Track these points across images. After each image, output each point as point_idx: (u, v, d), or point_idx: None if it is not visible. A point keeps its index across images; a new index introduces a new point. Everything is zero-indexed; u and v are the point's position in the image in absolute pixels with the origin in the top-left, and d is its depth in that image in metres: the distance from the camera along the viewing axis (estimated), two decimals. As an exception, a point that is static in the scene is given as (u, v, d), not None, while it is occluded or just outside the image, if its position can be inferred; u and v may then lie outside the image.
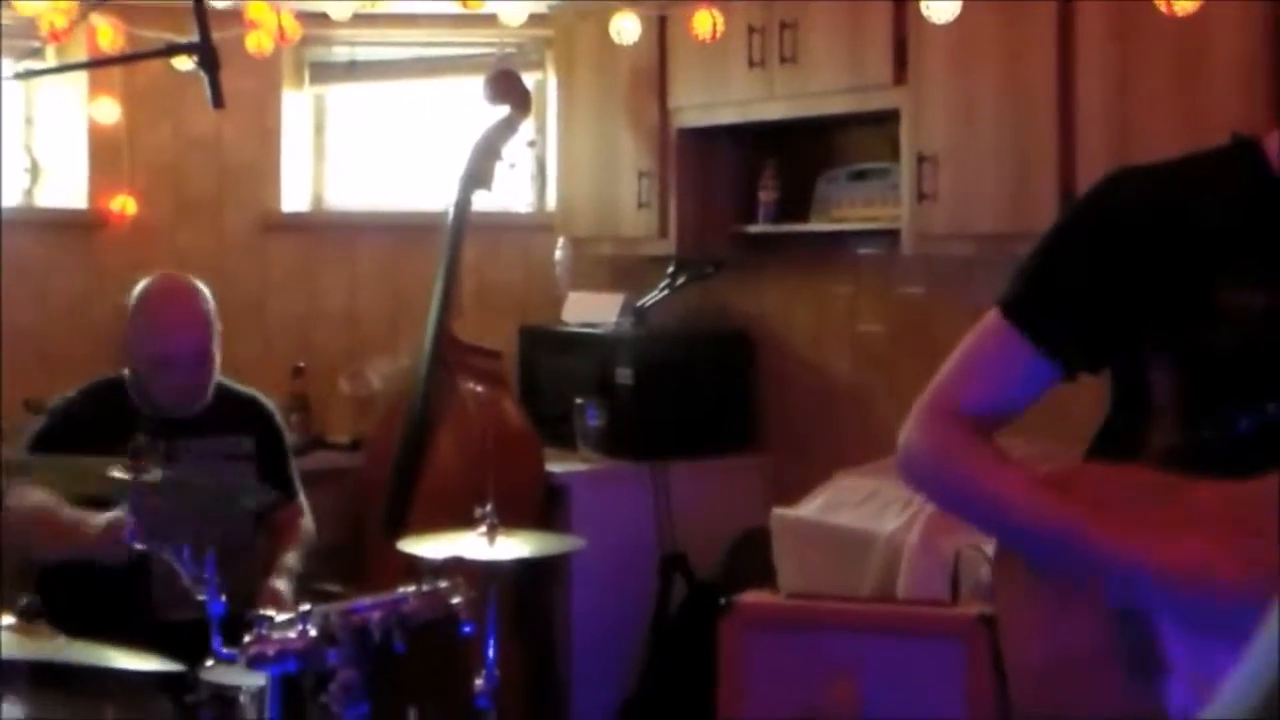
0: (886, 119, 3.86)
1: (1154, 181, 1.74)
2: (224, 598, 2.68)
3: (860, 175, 4.21)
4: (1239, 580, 1.56)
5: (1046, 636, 1.72)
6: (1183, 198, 1.71)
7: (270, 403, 3.70)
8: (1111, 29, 3.26)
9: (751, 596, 3.16)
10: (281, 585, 3.40)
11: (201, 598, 2.71)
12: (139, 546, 2.79)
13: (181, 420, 3.41)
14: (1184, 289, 1.66)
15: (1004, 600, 1.79)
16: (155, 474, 2.84)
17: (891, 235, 3.90)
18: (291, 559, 3.54)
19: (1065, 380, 1.77)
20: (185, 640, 2.73)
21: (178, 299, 3.48)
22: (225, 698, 2.77)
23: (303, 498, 3.71)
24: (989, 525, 1.84)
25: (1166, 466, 1.66)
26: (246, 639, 2.55)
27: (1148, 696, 1.61)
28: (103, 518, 3.14)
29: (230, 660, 2.63)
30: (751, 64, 4.08)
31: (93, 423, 3.35)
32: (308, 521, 3.69)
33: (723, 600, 3.09)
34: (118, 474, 2.78)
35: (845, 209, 4.22)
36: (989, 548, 3.13)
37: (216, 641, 2.65)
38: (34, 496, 3.28)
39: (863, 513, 3.58)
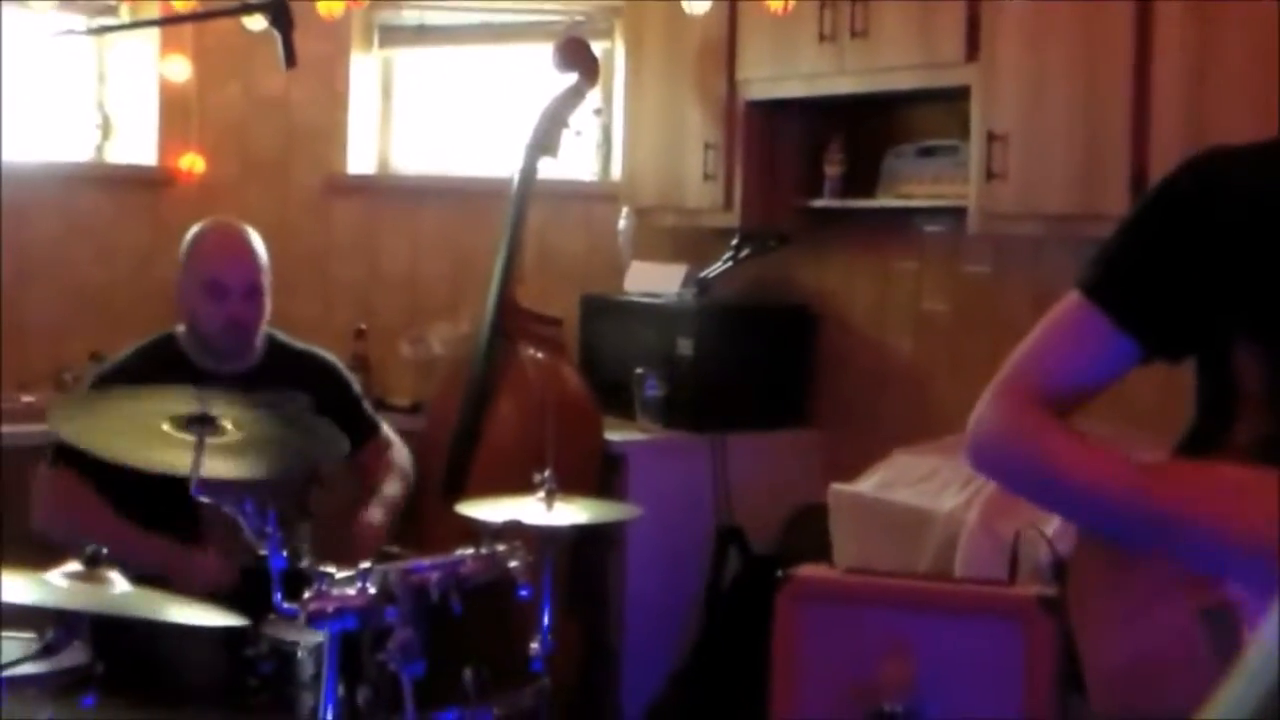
0: (956, 96, 3.82)
1: (1243, 162, 1.70)
2: (284, 553, 2.70)
3: (928, 152, 4.18)
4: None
5: (1129, 633, 1.68)
6: (1273, 179, 1.66)
7: (329, 355, 3.73)
8: (1190, 8, 3.22)
9: (808, 569, 3.15)
10: (377, 515, 3.45)
11: (263, 552, 2.73)
12: (203, 499, 2.81)
13: (234, 376, 3.44)
14: (1271, 273, 1.62)
15: (1082, 595, 1.75)
16: (221, 429, 2.86)
17: (958, 213, 3.87)
18: (389, 489, 3.59)
19: (1143, 362, 1.72)
20: (239, 592, 2.74)
21: (231, 235, 3.55)
22: (284, 652, 2.80)
23: (388, 431, 3.75)
24: (1058, 502, 1.80)
25: (1255, 459, 1.61)
26: (306, 595, 2.58)
27: None
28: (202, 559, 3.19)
29: (290, 616, 2.65)
30: (822, 38, 4.06)
31: (143, 381, 3.37)
32: (398, 452, 3.74)
33: (779, 572, 3.08)
34: (179, 433, 2.79)
35: (912, 185, 4.20)
36: (1049, 528, 3.13)
37: (277, 596, 2.67)
38: (76, 494, 3.30)
39: (921, 491, 3.57)
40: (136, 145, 4.73)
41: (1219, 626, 1.59)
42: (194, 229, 3.56)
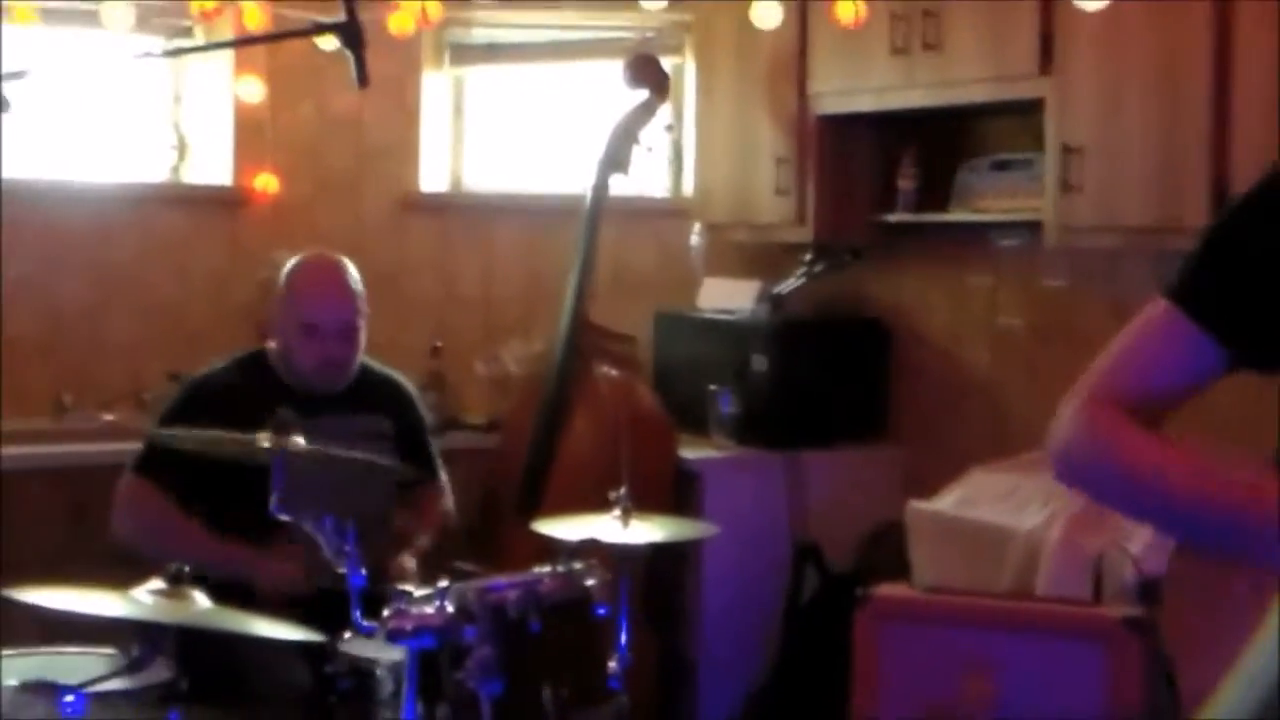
0: (1030, 108, 3.80)
1: None
2: (363, 570, 2.72)
3: (1002, 165, 4.15)
4: None
5: (1228, 650, 1.62)
6: None
7: (411, 386, 3.76)
8: (1271, 16, 3.18)
9: (888, 589, 3.14)
10: (409, 563, 3.43)
11: (341, 570, 2.75)
12: (283, 517, 2.83)
13: (324, 397, 3.46)
14: None
15: (1180, 612, 1.75)
16: (300, 444, 2.88)
17: (1034, 227, 3.85)
18: (425, 539, 3.57)
19: (1230, 372, 1.68)
20: (318, 609, 2.76)
21: (328, 272, 3.55)
22: (362, 670, 2.81)
23: (444, 477, 3.74)
24: (1152, 514, 1.74)
25: None
26: (386, 613, 2.59)
27: None
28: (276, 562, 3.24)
29: (369, 633, 2.67)
30: (893, 51, 4.05)
31: (234, 393, 3.43)
32: (448, 502, 3.73)
33: (859, 592, 3.06)
34: (263, 443, 2.82)
35: (987, 199, 4.17)
36: (1134, 547, 3.08)
37: (356, 614, 2.68)
38: (154, 502, 3.36)
39: (1001, 509, 3.54)
40: (211, 165, 4.77)
41: None
42: (291, 262, 3.58)
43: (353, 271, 3.56)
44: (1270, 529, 1.58)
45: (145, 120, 4.77)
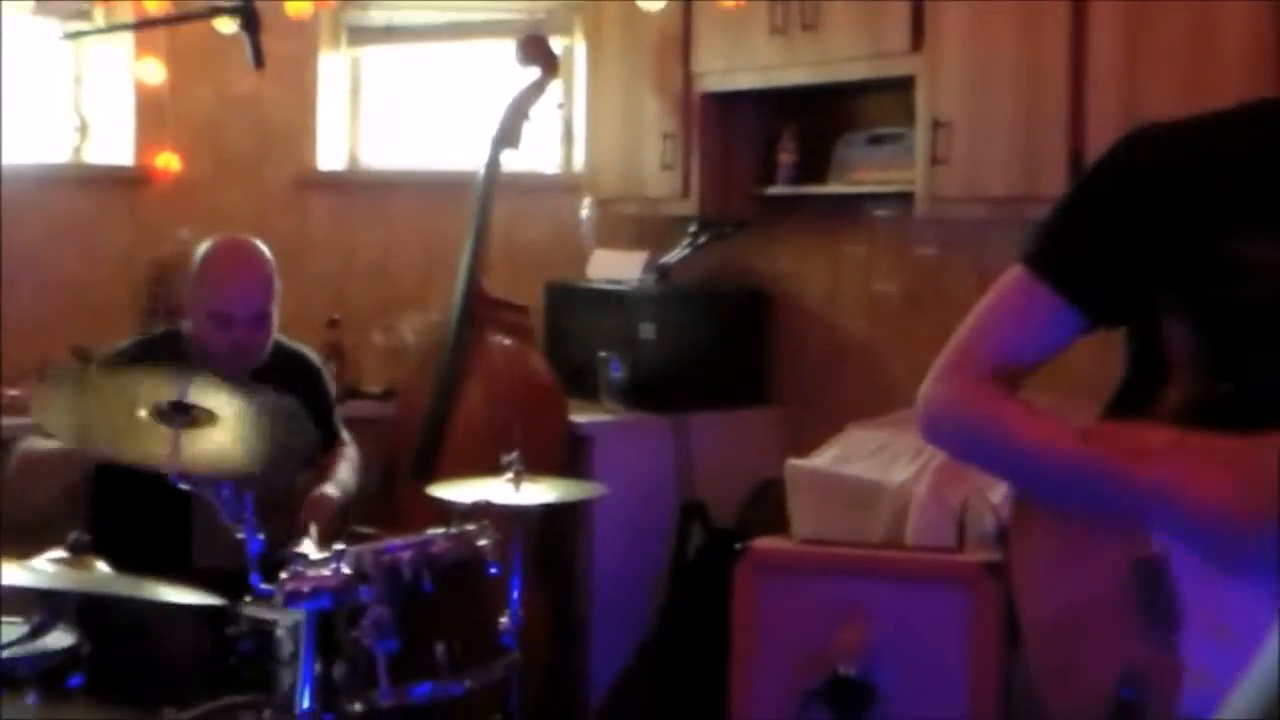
0: (903, 85, 3.91)
1: (1175, 135, 1.73)
2: (261, 537, 2.75)
3: (877, 140, 4.27)
4: (1254, 520, 1.55)
5: (1061, 586, 1.72)
6: (1203, 151, 1.70)
7: (316, 358, 3.84)
8: (1120, 4, 3.32)
9: (765, 542, 3.22)
10: (330, 490, 3.50)
11: (240, 536, 2.81)
12: (182, 486, 2.89)
13: (230, 377, 3.51)
14: (1201, 242, 1.66)
15: (1019, 551, 1.79)
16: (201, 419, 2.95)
17: (906, 198, 3.96)
18: (342, 473, 3.65)
19: (1087, 332, 1.76)
20: (222, 587, 2.81)
21: (240, 259, 3.55)
22: (263, 631, 2.83)
23: (346, 437, 3.85)
24: (1013, 472, 1.83)
25: (1181, 422, 1.66)
26: (283, 575, 2.64)
27: (1164, 647, 1.63)
28: None
29: (267, 596, 2.69)
30: (773, 30, 4.15)
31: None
32: (352, 450, 3.81)
33: (737, 545, 3.17)
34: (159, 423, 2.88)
35: (862, 172, 4.29)
36: (994, 497, 3.23)
37: (255, 577, 2.72)
38: (48, 443, 3.37)
39: (873, 464, 3.65)
40: (113, 146, 4.81)
41: (1148, 576, 1.65)
42: (204, 246, 3.58)
43: (265, 254, 3.56)
44: (1117, 494, 1.66)
45: (47, 101, 4.80)
